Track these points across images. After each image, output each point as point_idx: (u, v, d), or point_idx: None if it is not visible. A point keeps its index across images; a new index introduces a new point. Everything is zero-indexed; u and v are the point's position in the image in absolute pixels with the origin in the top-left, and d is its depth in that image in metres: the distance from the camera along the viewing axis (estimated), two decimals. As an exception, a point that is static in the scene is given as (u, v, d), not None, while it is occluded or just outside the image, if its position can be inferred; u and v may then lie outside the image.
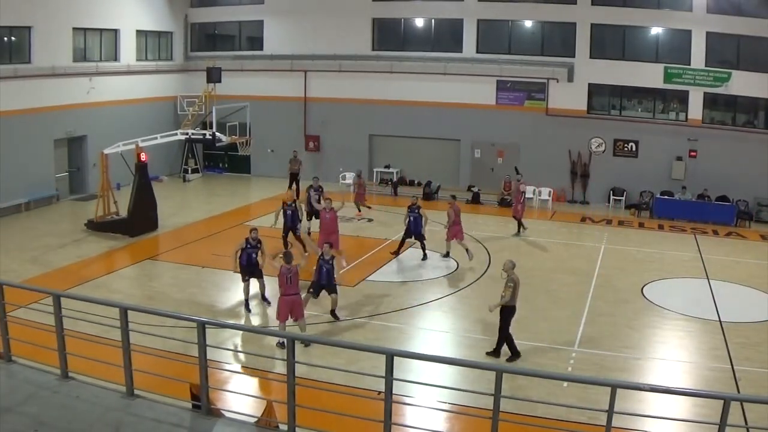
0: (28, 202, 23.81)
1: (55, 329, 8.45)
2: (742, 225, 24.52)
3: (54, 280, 16.18)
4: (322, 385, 9.76)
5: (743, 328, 14.69)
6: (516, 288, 12.53)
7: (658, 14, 25.85)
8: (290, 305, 12.75)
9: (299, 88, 30.39)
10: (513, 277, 12.56)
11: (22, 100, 23.14)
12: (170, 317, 9.87)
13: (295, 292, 12.80)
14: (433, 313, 15.53)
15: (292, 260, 12.90)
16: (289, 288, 12.72)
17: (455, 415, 10.29)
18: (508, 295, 12.47)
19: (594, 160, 27.34)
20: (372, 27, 29.57)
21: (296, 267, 12.88)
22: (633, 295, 16.77)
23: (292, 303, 12.77)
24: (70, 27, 25.36)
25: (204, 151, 32.10)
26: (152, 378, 8.65)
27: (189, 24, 31.81)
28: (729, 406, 6.61)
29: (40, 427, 7.32)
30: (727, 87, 25.32)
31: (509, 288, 12.48)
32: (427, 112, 28.59)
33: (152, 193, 21.76)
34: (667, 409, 10.61)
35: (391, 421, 7.24)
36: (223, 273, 17.70)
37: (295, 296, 12.82)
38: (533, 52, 27.57)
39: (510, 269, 12.65)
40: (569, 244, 21.68)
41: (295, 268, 12.82)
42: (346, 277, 17.44)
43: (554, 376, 11.27)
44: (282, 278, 12.72)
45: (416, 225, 18.97)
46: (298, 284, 12.96)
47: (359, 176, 24.63)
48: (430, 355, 10.94)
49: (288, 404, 7.48)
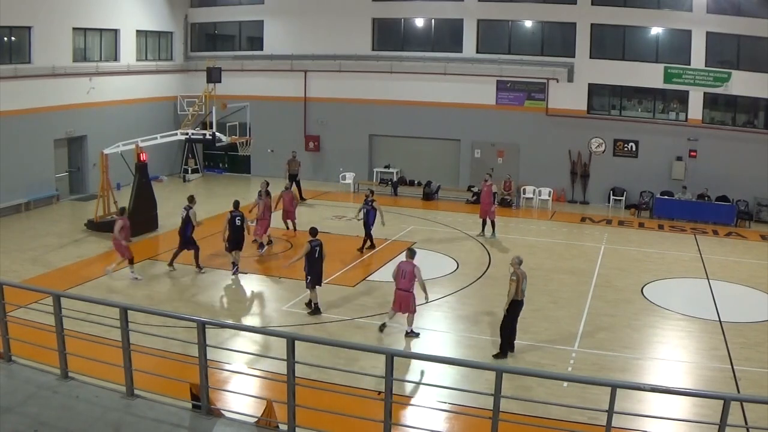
0: (28, 202, 23.81)
1: (55, 329, 8.45)
2: (742, 225, 24.52)
3: (54, 280, 16.18)
4: (322, 385, 9.76)
5: (743, 328, 14.69)
6: (519, 282, 12.54)
7: (658, 14, 25.85)
8: (399, 299, 13.45)
9: (299, 88, 30.39)
10: (517, 272, 12.61)
11: (22, 100, 23.15)
12: (170, 317, 9.88)
13: (405, 288, 13.35)
14: (433, 313, 15.50)
15: (414, 256, 13.65)
16: (402, 282, 13.35)
17: (455, 415, 10.29)
18: (512, 290, 12.50)
19: (594, 160, 27.34)
20: (372, 27, 29.56)
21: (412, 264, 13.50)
22: (633, 295, 16.77)
23: (400, 297, 13.44)
24: (70, 27, 25.36)
25: (204, 151, 32.11)
26: (152, 378, 8.66)
27: (189, 24, 31.81)
28: (729, 406, 6.61)
29: (40, 427, 7.31)
30: (727, 87, 25.32)
31: (512, 282, 12.54)
32: (427, 112, 28.59)
33: (152, 193, 21.76)
34: (667, 409, 10.61)
35: (391, 421, 7.25)
36: (222, 273, 17.73)
37: (404, 292, 13.39)
38: (533, 52, 27.57)
39: (516, 264, 12.70)
40: (569, 244, 21.67)
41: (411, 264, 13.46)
42: (347, 277, 17.46)
43: (554, 376, 11.27)
44: (398, 272, 13.46)
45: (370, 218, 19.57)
46: (412, 280, 13.37)
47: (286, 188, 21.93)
48: (430, 355, 10.95)
49: (288, 404, 7.48)
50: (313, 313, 14.85)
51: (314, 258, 14.68)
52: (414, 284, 13.44)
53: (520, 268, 12.71)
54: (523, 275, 12.75)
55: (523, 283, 12.69)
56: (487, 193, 21.53)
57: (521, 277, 12.64)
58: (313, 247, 14.67)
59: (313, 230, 15.16)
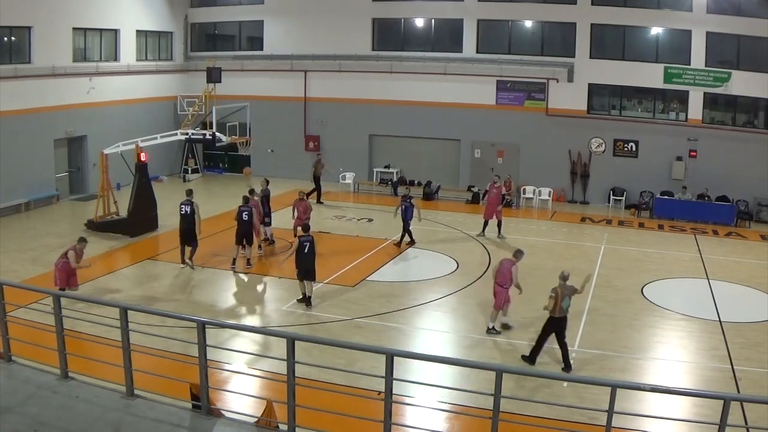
0: (28, 202, 23.80)
1: (55, 329, 8.45)
2: (742, 225, 24.52)
3: (54, 280, 16.13)
4: (322, 385, 9.76)
5: (743, 328, 14.68)
6: (558, 299, 11.96)
7: (658, 14, 25.85)
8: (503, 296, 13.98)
9: (299, 88, 30.39)
10: (557, 289, 12.09)
11: (22, 100, 23.14)
12: (170, 317, 9.89)
13: (502, 283, 13.90)
14: (433, 313, 15.53)
15: (522, 256, 14.15)
16: (501, 277, 13.91)
17: (455, 415, 10.29)
18: (549, 306, 12.13)
19: (594, 160, 27.33)
20: (372, 27, 29.56)
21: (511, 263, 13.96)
22: (633, 295, 16.77)
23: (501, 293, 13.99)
24: (70, 27, 25.35)
25: (204, 151, 32.11)
26: (152, 378, 8.66)
27: (189, 24, 31.80)
28: (729, 406, 6.61)
29: (40, 427, 7.31)
30: (727, 87, 25.32)
31: (551, 298, 12.09)
32: (427, 112, 28.58)
33: (152, 193, 21.77)
34: (667, 409, 10.61)
35: (391, 421, 7.24)
36: (223, 273, 17.74)
37: (500, 287, 13.91)
38: (533, 52, 27.56)
39: (561, 278, 12.23)
40: (569, 244, 21.67)
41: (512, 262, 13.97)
42: (347, 277, 17.46)
43: (554, 376, 11.27)
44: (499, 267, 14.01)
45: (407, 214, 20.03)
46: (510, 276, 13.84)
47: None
48: (430, 355, 10.94)
49: (288, 404, 7.48)
50: (301, 302, 15.30)
51: (303, 253, 15.06)
52: (510, 282, 13.88)
53: (566, 284, 12.13)
54: (569, 292, 12.10)
55: (564, 301, 12.03)
56: (497, 194, 21.61)
57: (561, 294, 12.02)
58: (301, 242, 15.10)
59: (305, 227, 15.74)
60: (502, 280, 13.93)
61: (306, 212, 19.43)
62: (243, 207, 17.82)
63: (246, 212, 17.63)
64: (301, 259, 15.09)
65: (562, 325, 12.25)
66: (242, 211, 17.66)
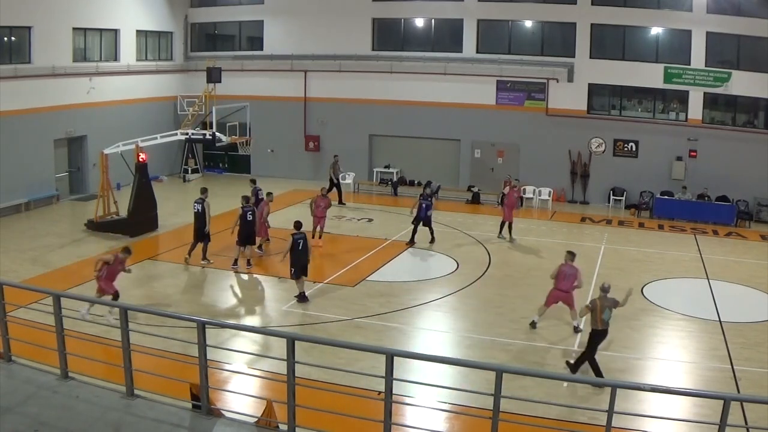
0: (28, 202, 23.80)
1: (55, 329, 8.45)
2: (742, 225, 24.52)
3: (54, 280, 16.17)
4: (322, 385, 9.75)
5: (743, 328, 14.68)
6: (597, 311, 11.65)
7: (658, 14, 25.85)
8: (558, 298, 14.08)
9: (299, 88, 30.39)
10: (596, 300, 11.80)
11: (22, 100, 23.14)
12: (170, 317, 9.89)
13: (566, 289, 13.92)
14: (433, 313, 15.53)
15: (575, 258, 14.16)
16: (564, 284, 13.88)
17: (455, 415, 10.29)
18: (583, 314, 12.00)
19: (594, 160, 27.33)
20: (372, 27, 29.56)
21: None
22: (633, 295, 16.72)
23: (559, 296, 14.05)
24: (70, 27, 25.35)
25: (204, 151, 32.10)
26: (152, 378, 8.66)
27: (189, 24, 31.80)
28: (729, 406, 6.61)
29: (40, 427, 7.32)
30: (727, 87, 25.32)
31: (586, 308, 11.99)
32: (427, 112, 28.58)
33: (152, 193, 21.76)
34: (667, 409, 10.61)
35: (391, 421, 7.25)
36: (223, 273, 17.74)
37: (564, 293, 13.96)
38: (533, 52, 27.56)
39: (601, 290, 11.91)
40: (569, 244, 21.58)
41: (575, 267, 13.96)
42: (347, 277, 17.46)
43: (554, 376, 11.27)
44: (559, 274, 13.98)
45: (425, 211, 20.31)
46: (574, 282, 13.88)
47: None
48: (430, 355, 10.94)
49: (288, 404, 7.48)
50: (300, 301, 15.35)
51: (298, 250, 15.17)
52: (574, 285, 13.91)
53: (606, 296, 11.77)
54: (609, 304, 11.70)
55: (604, 313, 11.65)
56: (516, 196, 21.67)
57: (601, 306, 11.66)
58: (295, 240, 15.21)
59: (297, 224, 15.68)
60: (567, 286, 13.85)
61: (327, 207, 19.85)
62: (246, 207, 17.92)
63: (249, 212, 17.77)
64: (296, 257, 15.20)
65: (604, 338, 11.99)
66: (246, 212, 17.77)
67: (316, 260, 18.38)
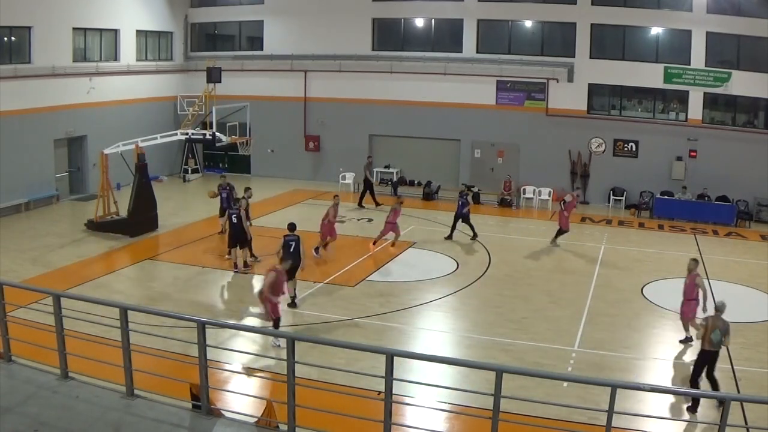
0: (28, 202, 23.80)
1: (55, 329, 8.45)
2: (742, 225, 24.52)
3: (54, 280, 16.17)
4: (322, 385, 9.76)
5: (743, 328, 14.65)
6: (707, 330, 10.85)
7: (658, 14, 25.84)
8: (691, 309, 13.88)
9: (299, 88, 30.39)
10: (709, 318, 11.10)
11: (22, 100, 23.13)
12: (170, 317, 9.88)
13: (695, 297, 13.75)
14: (433, 313, 15.52)
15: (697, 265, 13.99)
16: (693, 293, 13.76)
17: (455, 415, 10.29)
18: (699, 335, 11.21)
19: (594, 160, 27.33)
20: (372, 27, 29.55)
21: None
22: (633, 295, 16.77)
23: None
24: (70, 27, 25.34)
25: (204, 151, 32.10)
26: (152, 378, 8.66)
27: (189, 24, 31.80)
28: (729, 406, 6.61)
29: (40, 427, 7.31)
30: (727, 87, 25.32)
31: (701, 326, 11.20)
32: (427, 112, 28.58)
33: (152, 193, 21.76)
34: (667, 409, 10.60)
35: (391, 421, 7.24)
36: (223, 273, 17.74)
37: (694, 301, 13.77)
38: (533, 52, 27.55)
39: (716, 309, 11.24)
40: (569, 244, 21.66)
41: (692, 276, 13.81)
42: (347, 277, 17.46)
43: (554, 376, 11.25)
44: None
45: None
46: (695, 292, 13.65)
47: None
48: (430, 355, 10.93)
49: (288, 404, 7.48)
50: (290, 306, 14.96)
51: (288, 252, 14.97)
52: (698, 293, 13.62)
53: (720, 318, 10.95)
54: (720, 325, 10.85)
55: (714, 333, 10.78)
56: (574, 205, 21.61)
57: (712, 325, 10.86)
58: (287, 241, 15.13)
59: (290, 225, 15.65)
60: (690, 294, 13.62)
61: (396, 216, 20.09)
62: (231, 210, 18.22)
63: (234, 215, 17.87)
64: (286, 258, 14.85)
65: (712, 359, 11.03)
66: (231, 214, 18.01)
67: (316, 260, 18.41)
